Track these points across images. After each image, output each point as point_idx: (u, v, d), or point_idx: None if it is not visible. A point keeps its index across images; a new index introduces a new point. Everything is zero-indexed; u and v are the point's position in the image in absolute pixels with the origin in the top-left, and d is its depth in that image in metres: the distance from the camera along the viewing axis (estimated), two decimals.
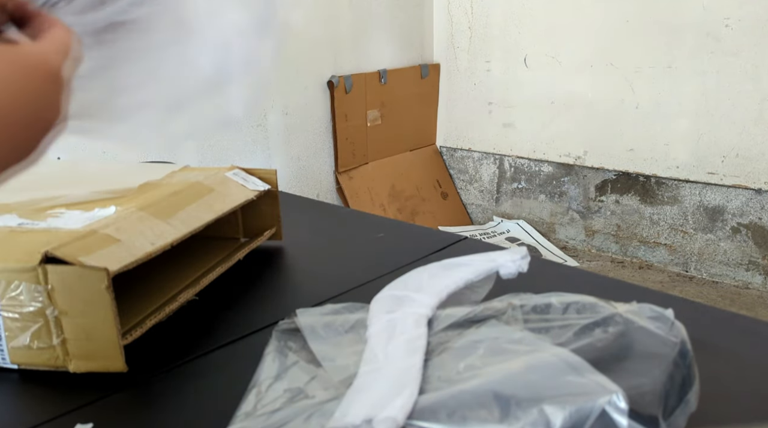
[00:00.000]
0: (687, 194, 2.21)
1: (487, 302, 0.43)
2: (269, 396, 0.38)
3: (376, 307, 0.45)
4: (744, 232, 2.12)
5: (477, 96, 2.65)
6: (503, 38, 2.51)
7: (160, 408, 0.45)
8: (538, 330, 0.38)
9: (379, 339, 0.41)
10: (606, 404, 0.29)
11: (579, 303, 0.40)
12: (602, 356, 0.34)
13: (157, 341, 0.53)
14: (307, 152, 2.35)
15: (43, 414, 0.43)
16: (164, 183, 0.66)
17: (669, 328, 0.37)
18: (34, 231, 0.50)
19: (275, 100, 2.20)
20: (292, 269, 0.71)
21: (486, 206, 2.77)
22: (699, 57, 2.06)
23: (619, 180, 2.36)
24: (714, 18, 2.01)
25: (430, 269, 0.49)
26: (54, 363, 0.47)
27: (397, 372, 0.36)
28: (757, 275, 2.13)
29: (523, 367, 0.33)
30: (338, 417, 0.33)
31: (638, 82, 2.21)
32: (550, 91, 2.43)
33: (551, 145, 2.49)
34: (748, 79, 1.99)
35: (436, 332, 0.41)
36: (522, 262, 0.47)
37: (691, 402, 0.35)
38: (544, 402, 0.30)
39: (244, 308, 0.60)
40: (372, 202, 2.47)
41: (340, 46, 2.36)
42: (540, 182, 2.57)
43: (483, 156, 2.71)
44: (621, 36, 2.21)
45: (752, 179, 2.06)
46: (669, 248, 2.29)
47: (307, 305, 0.49)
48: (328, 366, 0.40)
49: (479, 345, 0.37)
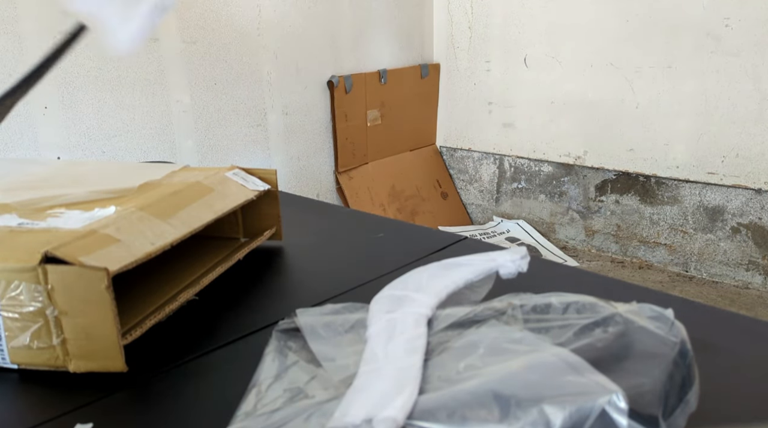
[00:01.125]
0: (687, 194, 2.21)
1: (487, 302, 0.43)
2: (269, 395, 0.38)
3: (376, 307, 0.45)
4: (744, 232, 2.12)
5: (477, 96, 2.65)
6: (503, 38, 2.51)
7: (160, 408, 0.45)
8: (538, 330, 0.38)
9: (379, 338, 0.41)
10: (606, 404, 0.29)
11: (579, 303, 0.40)
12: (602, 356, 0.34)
13: (157, 341, 0.53)
14: (307, 151, 2.35)
15: (43, 414, 0.43)
16: (164, 183, 0.66)
17: (669, 328, 0.37)
18: (34, 231, 0.50)
19: (275, 100, 2.20)
20: (292, 269, 0.71)
21: (486, 206, 2.77)
22: (699, 57, 2.06)
23: (619, 180, 2.36)
24: (714, 18, 2.01)
25: (430, 269, 0.49)
26: (54, 363, 0.47)
27: (397, 371, 0.36)
28: (757, 275, 2.13)
29: (523, 367, 0.33)
30: (338, 417, 0.33)
31: (638, 82, 2.21)
32: (550, 91, 2.43)
33: (551, 145, 2.49)
34: (748, 79, 1.99)
35: (436, 332, 0.41)
36: (522, 262, 0.47)
37: (691, 402, 0.35)
38: (544, 402, 0.30)
39: (244, 308, 0.60)
40: (372, 202, 2.47)
41: (340, 46, 2.36)
42: (540, 182, 2.57)
43: (483, 156, 2.71)
44: (621, 36, 2.21)
45: (752, 179, 2.06)
46: (669, 248, 2.29)
47: (307, 305, 0.49)
48: (328, 365, 0.40)
49: (479, 344, 0.37)
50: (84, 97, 1.68)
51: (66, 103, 1.65)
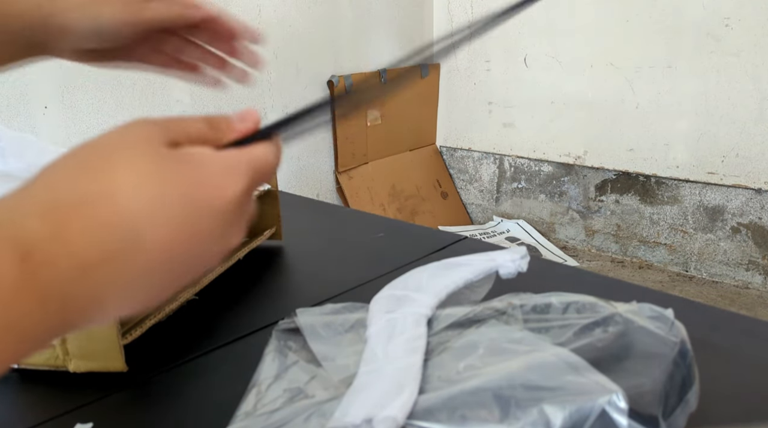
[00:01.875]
0: (687, 193, 2.21)
1: (487, 302, 0.43)
2: (269, 395, 0.38)
3: (376, 307, 0.45)
4: (744, 232, 2.12)
5: (477, 96, 2.65)
6: (503, 38, 2.51)
7: (160, 408, 0.45)
8: (538, 330, 0.38)
9: (379, 338, 0.41)
10: (606, 404, 0.29)
11: (579, 303, 0.40)
12: (602, 356, 0.34)
13: (157, 341, 0.53)
14: (307, 151, 2.35)
15: (43, 414, 0.43)
16: None
17: (669, 328, 0.37)
18: None
19: (275, 100, 2.20)
20: (292, 269, 0.71)
21: (486, 205, 2.77)
22: (699, 57, 2.06)
23: (619, 180, 2.36)
24: (714, 18, 2.01)
25: (430, 269, 0.49)
26: (54, 362, 0.47)
27: (397, 371, 0.36)
28: (757, 275, 2.13)
29: (523, 367, 0.33)
30: (338, 417, 0.33)
31: (638, 82, 2.21)
32: (550, 91, 2.43)
33: (551, 145, 2.49)
34: (748, 79, 1.99)
35: (436, 332, 0.41)
36: (521, 262, 0.47)
37: (691, 402, 0.35)
38: (544, 402, 0.30)
39: (244, 308, 0.60)
40: (372, 202, 2.47)
41: (340, 45, 2.36)
42: (540, 182, 2.57)
43: (483, 156, 2.71)
44: (621, 36, 2.21)
45: (752, 178, 2.06)
46: (669, 248, 2.29)
47: (307, 305, 0.49)
48: (328, 365, 0.40)
49: (479, 344, 0.37)
50: (84, 97, 1.68)
51: (66, 104, 1.65)
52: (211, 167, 0.27)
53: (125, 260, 0.24)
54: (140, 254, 0.24)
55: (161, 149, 0.26)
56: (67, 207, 0.23)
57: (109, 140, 0.26)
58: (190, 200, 0.25)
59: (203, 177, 0.26)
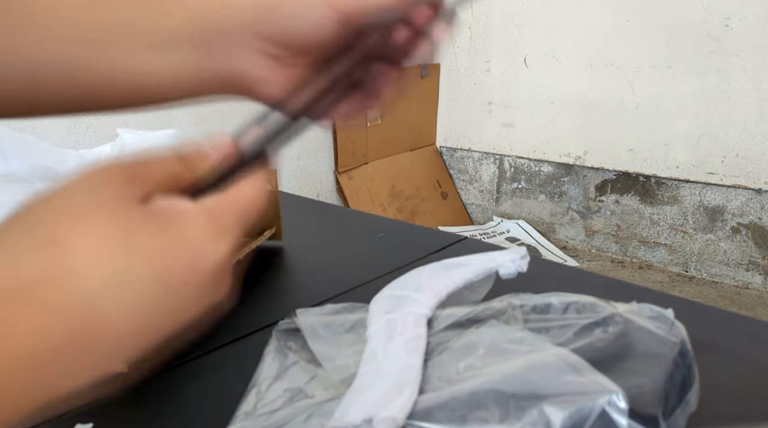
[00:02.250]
0: (687, 194, 2.21)
1: (487, 302, 0.43)
2: (269, 395, 0.38)
3: (376, 307, 0.45)
4: (744, 232, 2.12)
5: (477, 96, 2.65)
6: (503, 38, 2.51)
7: (160, 408, 0.45)
8: (538, 330, 0.38)
9: (379, 338, 0.41)
10: (606, 404, 0.29)
11: (579, 303, 0.40)
12: (602, 356, 0.34)
13: None
14: (307, 151, 2.35)
15: None
16: None
17: (669, 328, 0.37)
18: None
19: None
20: (292, 269, 0.71)
21: (486, 206, 2.77)
22: (699, 57, 2.06)
23: (619, 180, 2.36)
24: (714, 18, 2.01)
25: (430, 269, 0.49)
26: None
27: (397, 371, 0.36)
28: (757, 275, 2.13)
29: (523, 367, 0.33)
30: (338, 417, 0.33)
31: (638, 82, 2.21)
32: (550, 91, 2.43)
33: (551, 145, 2.49)
34: (748, 79, 1.99)
35: (436, 332, 0.41)
36: (521, 262, 0.47)
37: (691, 402, 0.35)
38: (544, 402, 0.30)
39: (244, 308, 0.60)
40: (372, 202, 2.47)
41: None
42: (540, 182, 2.57)
43: (483, 156, 2.71)
44: (621, 36, 2.21)
45: (752, 179, 2.06)
46: (669, 248, 2.30)
47: (307, 305, 0.49)
48: (328, 365, 0.40)
49: (479, 345, 0.37)
50: None
51: None
52: (191, 230, 0.23)
53: (87, 340, 0.21)
54: (105, 331, 0.21)
55: (132, 207, 0.22)
56: (19, 286, 0.20)
57: (76, 200, 0.22)
58: (164, 272, 0.22)
59: (181, 242, 0.23)
